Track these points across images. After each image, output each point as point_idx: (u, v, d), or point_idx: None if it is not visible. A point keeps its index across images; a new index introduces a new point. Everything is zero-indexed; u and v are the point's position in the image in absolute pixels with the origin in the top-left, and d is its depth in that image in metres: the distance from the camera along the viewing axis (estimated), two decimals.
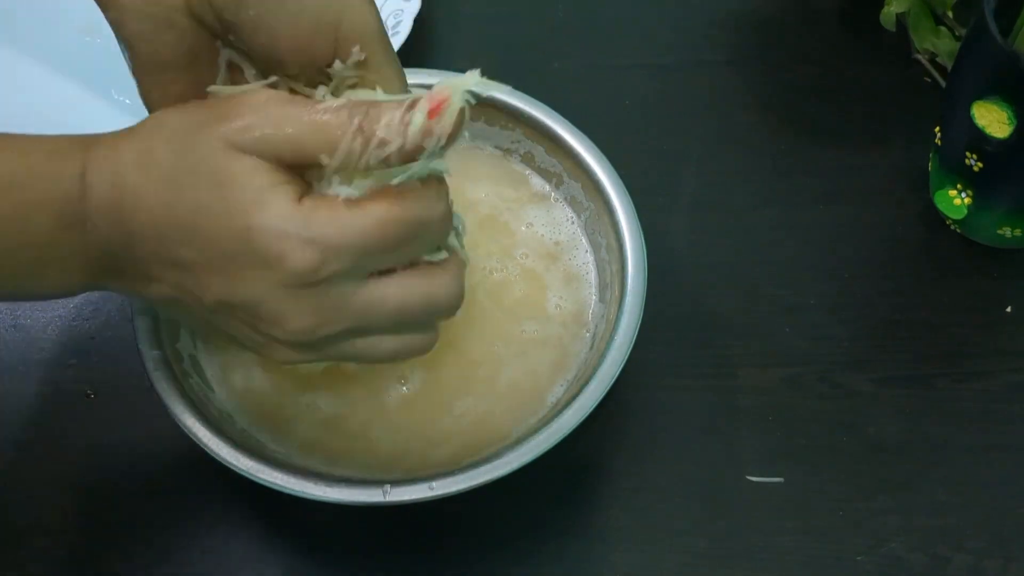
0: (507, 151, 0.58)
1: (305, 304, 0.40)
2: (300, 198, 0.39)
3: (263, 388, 0.52)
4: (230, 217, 0.39)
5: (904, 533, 0.53)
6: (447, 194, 0.42)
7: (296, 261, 0.39)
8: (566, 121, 0.56)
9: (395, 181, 0.39)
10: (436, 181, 0.41)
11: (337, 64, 0.42)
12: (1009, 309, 0.59)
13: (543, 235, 0.56)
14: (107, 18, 0.42)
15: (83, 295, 0.60)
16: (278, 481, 0.47)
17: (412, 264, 0.42)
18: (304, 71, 0.43)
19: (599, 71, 0.69)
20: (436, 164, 0.40)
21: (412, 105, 0.39)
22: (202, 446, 0.47)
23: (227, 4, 0.41)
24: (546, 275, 0.55)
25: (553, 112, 0.56)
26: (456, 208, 0.44)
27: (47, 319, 0.59)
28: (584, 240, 0.56)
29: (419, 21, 0.67)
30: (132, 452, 0.55)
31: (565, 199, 0.57)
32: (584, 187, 0.56)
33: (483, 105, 0.57)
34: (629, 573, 0.52)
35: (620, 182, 0.54)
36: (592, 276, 0.55)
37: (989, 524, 0.53)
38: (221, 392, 0.52)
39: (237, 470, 0.47)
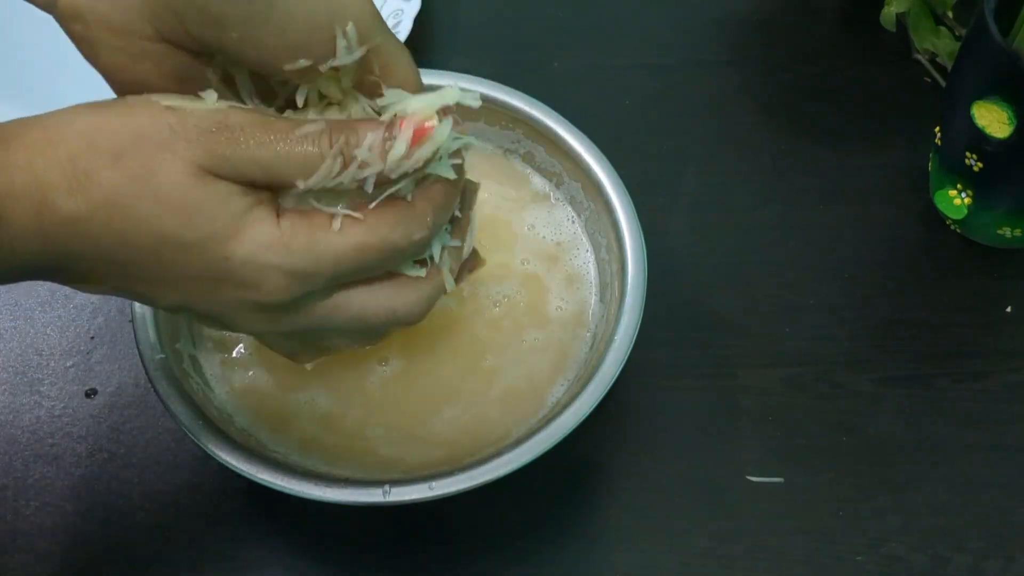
0: (507, 151, 0.58)
1: (269, 316, 0.40)
2: (277, 216, 0.38)
3: (263, 388, 0.52)
4: (204, 248, 0.37)
5: (904, 533, 0.53)
6: (433, 212, 0.41)
7: (273, 291, 0.38)
8: (566, 121, 0.56)
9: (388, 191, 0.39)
10: (424, 200, 0.40)
11: (339, 59, 0.39)
12: (1009, 309, 0.59)
13: (544, 236, 0.56)
14: (78, 49, 0.40)
15: (83, 295, 0.60)
16: (278, 481, 0.47)
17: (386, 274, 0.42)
18: (304, 75, 0.40)
19: (599, 71, 0.69)
20: (437, 168, 0.40)
21: (391, 126, 0.38)
22: (202, 446, 0.47)
23: (206, 30, 0.38)
24: (547, 278, 0.55)
25: (553, 112, 0.56)
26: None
27: (47, 319, 0.60)
28: (585, 240, 0.56)
29: (419, 21, 0.67)
30: (132, 452, 0.55)
31: (566, 199, 0.57)
32: (584, 187, 0.56)
33: (483, 105, 0.57)
34: (629, 573, 0.52)
35: (620, 182, 0.54)
36: (592, 276, 0.55)
37: (989, 524, 0.53)
38: (221, 392, 0.52)
39: (237, 470, 0.47)
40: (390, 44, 0.41)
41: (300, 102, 0.42)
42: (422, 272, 0.42)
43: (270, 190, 0.39)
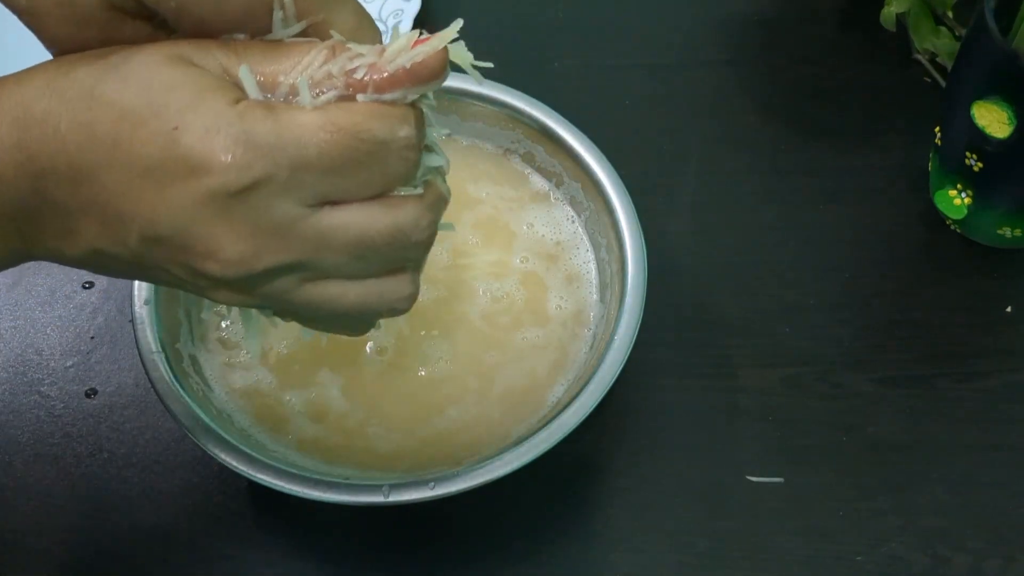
0: (507, 151, 0.58)
1: (239, 224, 0.35)
2: (238, 100, 0.35)
3: (262, 388, 0.52)
4: (158, 118, 0.34)
5: (904, 533, 0.53)
6: (417, 121, 0.37)
7: (222, 159, 0.34)
8: (566, 121, 0.56)
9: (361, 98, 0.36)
10: (405, 104, 0.36)
11: (274, 34, 0.37)
12: (1009, 309, 0.59)
13: (544, 235, 0.56)
14: (22, 21, 0.38)
15: (83, 295, 0.60)
16: (278, 481, 0.47)
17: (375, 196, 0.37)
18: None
19: (599, 71, 0.69)
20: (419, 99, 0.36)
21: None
22: (202, 446, 0.47)
23: None
24: (547, 276, 0.55)
25: (553, 112, 0.56)
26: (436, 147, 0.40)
27: (47, 319, 0.60)
28: (585, 239, 0.56)
29: (419, 21, 0.67)
30: (132, 452, 0.55)
31: (565, 199, 0.57)
32: (584, 187, 0.56)
33: (483, 105, 0.57)
34: (629, 573, 0.52)
35: (620, 182, 0.54)
36: (593, 276, 0.55)
37: (989, 524, 0.53)
38: (221, 392, 0.52)
39: (237, 470, 0.47)
40: (344, 19, 0.38)
41: None
42: (419, 189, 0.38)
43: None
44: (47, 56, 0.38)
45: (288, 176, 0.35)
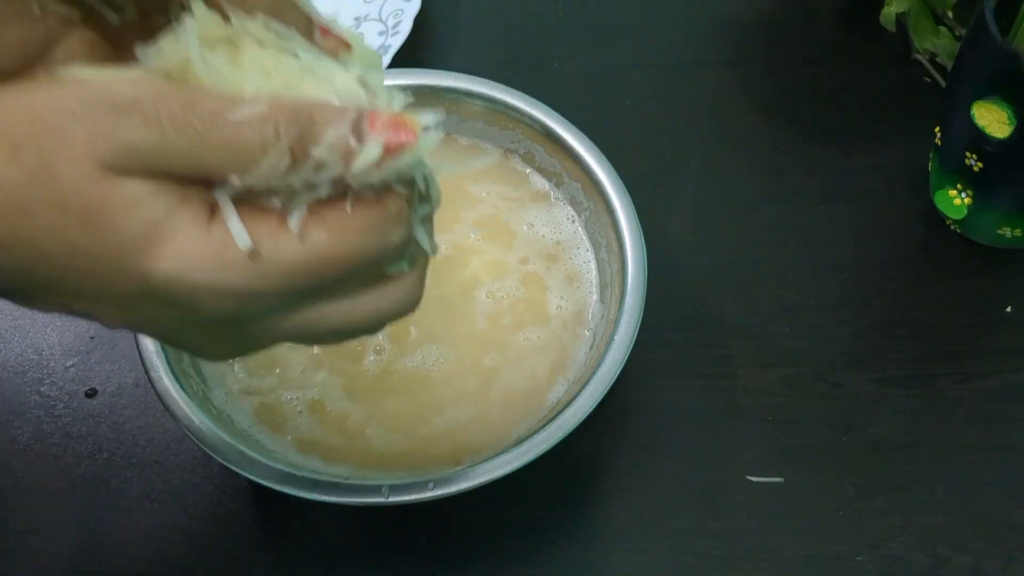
0: (507, 151, 0.58)
1: (225, 335, 0.34)
2: (207, 218, 0.31)
3: (262, 387, 0.52)
4: (120, 261, 0.30)
5: (904, 533, 0.53)
6: (408, 212, 0.33)
7: (213, 310, 0.31)
8: (566, 121, 0.56)
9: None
10: (396, 196, 0.32)
11: None
12: (1009, 309, 0.59)
13: (544, 235, 0.56)
14: None
15: None
16: (278, 482, 0.47)
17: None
18: None
19: (599, 71, 0.69)
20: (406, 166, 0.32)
21: (359, 122, 0.31)
22: (201, 446, 0.47)
23: None
24: (547, 276, 0.55)
25: (553, 112, 0.56)
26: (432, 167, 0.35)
27: (47, 319, 0.59)
28: (585, 239, 0.56)
29: (419, 21, 0.67)
30: (132, 452, 0.55)
31: (565, 198, 0.57)
32: (584, 187, 0.56)
33: (483, 105, 0.57)
34: (629, 573, 0.52)
35: (620, 182, 0.54)
36: (593, 275, 0.55)
37: (989, 524, 0.53)
38: (220, 392, 0.52)
39: (237, 470, 0.47)
40: None
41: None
42: (405, 267, 0.35)
43: (200, 184, 0.31)
44: None
45: (275, 304, 0.33)
